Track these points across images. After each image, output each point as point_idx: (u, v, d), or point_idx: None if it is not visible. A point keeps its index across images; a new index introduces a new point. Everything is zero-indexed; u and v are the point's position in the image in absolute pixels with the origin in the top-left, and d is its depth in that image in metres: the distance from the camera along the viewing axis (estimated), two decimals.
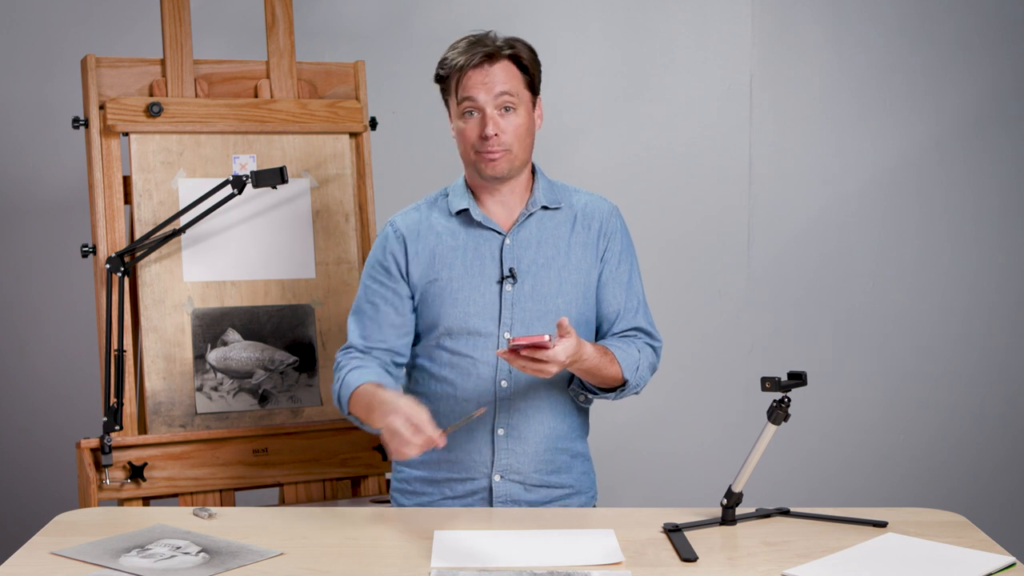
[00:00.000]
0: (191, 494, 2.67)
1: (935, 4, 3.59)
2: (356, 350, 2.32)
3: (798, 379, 2.04)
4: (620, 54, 3.60)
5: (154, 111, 2.70)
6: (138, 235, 2.68)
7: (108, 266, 2.60)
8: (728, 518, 2.10)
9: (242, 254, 2.77)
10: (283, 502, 2.76)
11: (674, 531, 2.04)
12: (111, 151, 2.69)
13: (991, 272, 3.66)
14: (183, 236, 2.70)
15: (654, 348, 2.37)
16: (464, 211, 2.31)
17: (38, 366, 3.58)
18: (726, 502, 2.11)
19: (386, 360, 2.31)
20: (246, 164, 2.79)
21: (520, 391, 2.28)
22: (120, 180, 2.70)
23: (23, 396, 3.58)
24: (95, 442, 2.57)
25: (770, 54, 3.60)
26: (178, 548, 1.97)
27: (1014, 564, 1.89)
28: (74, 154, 3.30)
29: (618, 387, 2.28)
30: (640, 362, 2.29)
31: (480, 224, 2.30)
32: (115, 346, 2.59)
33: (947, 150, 3.63)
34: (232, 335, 2.75)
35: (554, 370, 2.07)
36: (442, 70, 2.27)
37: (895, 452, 3.68)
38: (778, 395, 2.04)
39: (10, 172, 3.53)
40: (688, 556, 1.92)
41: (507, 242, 2.30)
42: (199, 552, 1.95)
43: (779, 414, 2.05)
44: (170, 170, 2.73)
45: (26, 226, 3.54)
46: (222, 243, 2.75)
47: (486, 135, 2.22)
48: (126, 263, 2.62)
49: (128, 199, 2.71)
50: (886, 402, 3.68)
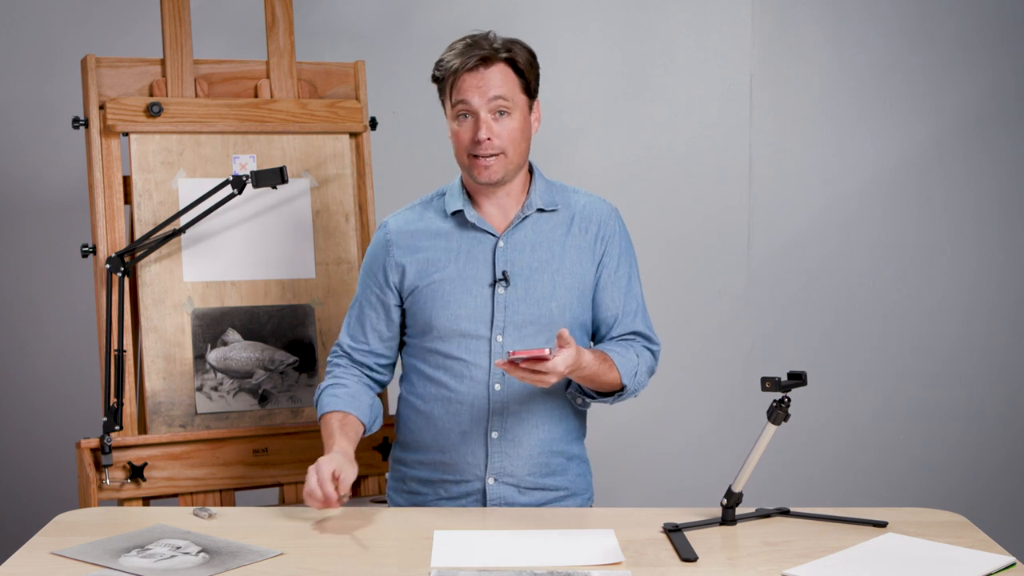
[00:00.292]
0: (191, 494, 2.67)
1: (935, 4, 3.59)
2: (342, 351, 2.40)
3: (798, 379, 2.03)
4: (620, 54, 3.60)
5: (154, 111, 2.70)
6: (138, 235, 2.68)
7: (108, 266, 2.59)
8: (728, 518, 2.10)
9: (242, 254, 2.77)
10: (283, 502, 2.76)
11: (674, 531, 2.04)
12: (111, 151, 2.69)
13: (991, 272, 3.66)
14: (183, 236, 2.70)
15: (652, 352, 2.36)
16: (459, 212, 2.30)
17: (38, 366, 3.58)
18: (726, 502, 2.11)
19: (369, 363, 2.38)
20: (246, 164, 2.79)
21: (514, 395, 2.27)
22: (120, 180, 2.69)
23: (23, 396, 3.58)
24: (95, 442, 2.57)
25: (770, 54, 3.60)
26: (178, 548, 1.97)
27: (1014, 564, 1.89)
28: (74, 154, 3.30)
29: (616, 392, 2.28)
30: (639, 367, 2.28)
31: (474, 226, 2.29)
32: (115, 346, 2.59)
33: (947, 150, 3.63)
34: (232, 335, 2.75)
35: (553, 380, 2.07)
36: (438, 71, 2.26)
37: (895, 452, 3.68)
38: (778, 395, 2.04)
39: (10, 172, 3.52)
40: (688, 556, 1.92)
41: (501, 245, 2.29)
42: (199, 552, 1.95)
43: (779, 414, 2.05)
44: (170, 170, 2.73)
45: (26, 226, 3.54)
46: (222, 243, 2.75)
47: (479, 139, 2.21)
48: (126, 263, 2.61)
49: (128, 199, 2.71)
50: (886, 402, 3.68)
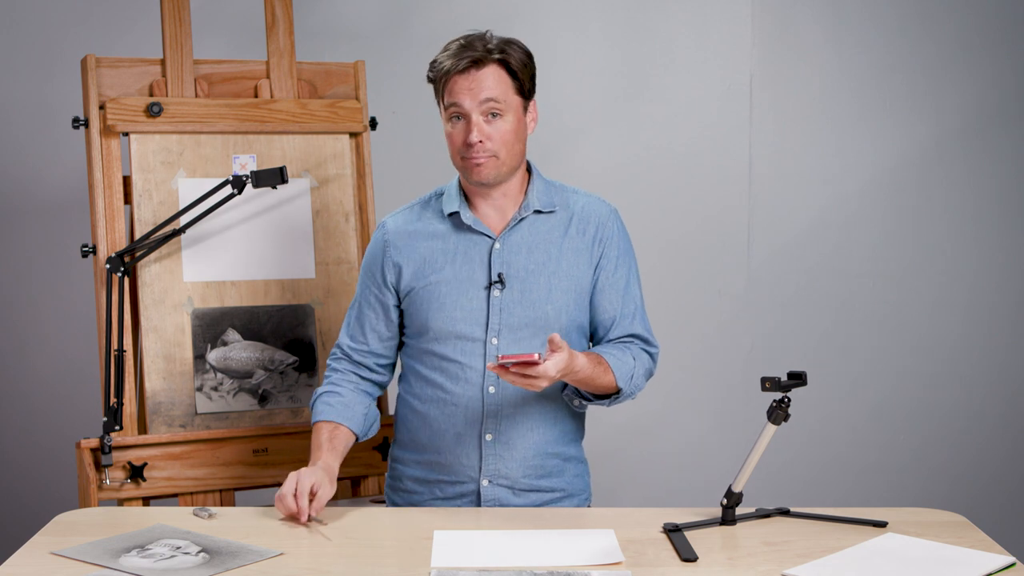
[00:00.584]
0: (191, 494, 2.67)
1: (935, 4, 3.59)
2: (341, 352, 2.39)
3: (798, 379, 2.03)
4: (620, 54, 3.60)
5: (154, 111, 2.70)
6: (138, 235, 2.68)
7: (108, 266, 2.59)
8: (728, 518, 2.10)
9: (242, 254, 2.77)
10: None
11: (674, 531, 2.04)
12: (111, 151, 2.69)
13: (991, 272, 3.66)
14: (183, 236, 2.70)
15: (651, 355, 2.35)
16: (455, 214, 2.30)
17: (38, 366, 3.58)
18: (726, 502, 2.11)
19: (369, 363, 2.38)
20: (246, 164, 2.79)
21: (509, 397, 2.26)
22: (120, 180, 2.69)
23: (23, 396, 3.58)
24: (95, 442, 2.57)
25: (770, 54, 3.60)
26: (178, 548, 1.97)
27: (1014, 564, 1.89)
28: (74, 154, 3.30)
29: (612, 395, 2.27)
30: (635, 370, 2.27)
31: (470, 228, 2.29)
32: (115, 346, 2.59)
33: (947, 150, 3.63)
34: (232, 335, 2.75)
35: (544, 384, 2.06)
36: (431, 72, 2.25)
37: (895, 452, 3.68)
38: (778, 395, 2.04)
39: (10, 172, 3.52)
40: (688, 556, 1.92)
41: (497, 246, 2.28)
42: (199, 552, 1.95)
43: (779, 414, 2.05)
44: (170, 170, 2.73)
45: (26, 226, 3.54)
46: (222, 243, 2.75)
47: (470, 142, 2.20)
48: (126, 263, 2.61)
49: (128, 199, 2.71)
50: (886, 402, 3.68)
